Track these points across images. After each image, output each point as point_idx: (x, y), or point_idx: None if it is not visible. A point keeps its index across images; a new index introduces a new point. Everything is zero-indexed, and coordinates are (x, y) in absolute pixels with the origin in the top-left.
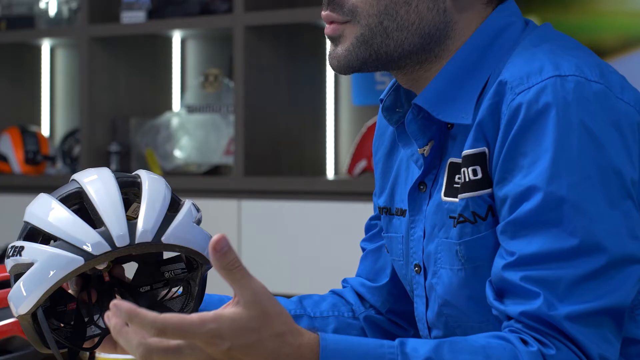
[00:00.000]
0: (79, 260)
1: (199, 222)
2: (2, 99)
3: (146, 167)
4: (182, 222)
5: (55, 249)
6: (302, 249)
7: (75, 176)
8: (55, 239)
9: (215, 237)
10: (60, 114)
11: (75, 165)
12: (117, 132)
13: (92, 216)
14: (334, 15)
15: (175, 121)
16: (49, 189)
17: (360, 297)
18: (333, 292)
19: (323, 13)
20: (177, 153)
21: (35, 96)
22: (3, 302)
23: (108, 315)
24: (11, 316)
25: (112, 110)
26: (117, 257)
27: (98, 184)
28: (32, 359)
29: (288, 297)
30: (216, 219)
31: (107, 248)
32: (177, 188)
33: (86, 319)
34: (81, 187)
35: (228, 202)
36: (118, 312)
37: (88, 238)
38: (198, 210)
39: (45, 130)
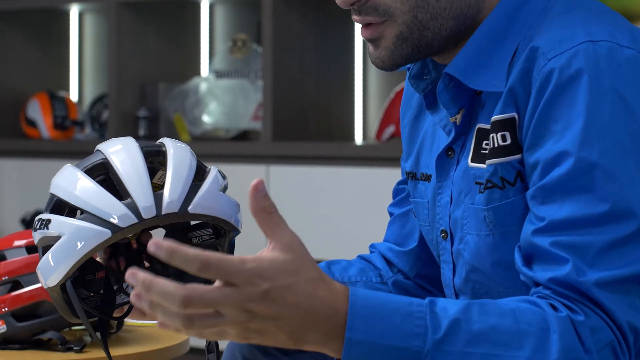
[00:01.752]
0: (106, 233)
1: (225, 189)
2: (30, 65)
3: (174, 132)
4: (208, 191)
5: (82, 222)
6: (330, 214)
7: (99, 146)
8: (82, 211)
9: (254, 182)
10: (88, 79)
11: (103, 130)
12: (146, 97)
13: (118, 187)
14: (370, 18)
15: (203, 86)
16: (78, 154)
17: (388, 262)
18: (361, 257)
19: (356, 17)
20: (206, 118)
21: (63, 61)
22: (33, 267)
23: (132, 274)
24: (39, 281)
25: (140, 76)
26: (144, 228)
27: (123, 154)
28: (60, 324)
29: (316, 262)
30: (244, 184)
31: (134, 220)
32: (205, 153)
33: (115, 287)
34: (106, 158)
35: (256, 168)
36: (159, 250)
37: (114, 210)
38: (224, 177)
39: (73, 96)
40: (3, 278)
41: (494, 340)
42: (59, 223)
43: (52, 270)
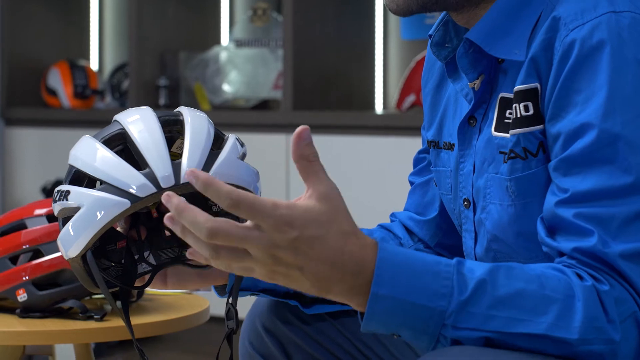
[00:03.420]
0: (125, 203)
1: (243, 156)
2: (51, 34)
3: (195, 101)
4: (226, 159)
5: (100, 193)
6: (350, 183)
7: (117, 117)
8: (101, 182)
9: (299, 128)
10: (109, 48)
11: (124, 99)
12: (166, 66)
13: (136, 157)
14: None
15: (223, 55)
16: (98, 123)
17: (408, 231)
18: (381, 226)
19: None
20: (226, 87)
21: (84, 30)
22: (53, 235)
23: (168, 197)
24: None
25: (160, 45)
26: None
27: (140, 124)
28: (81, 292)
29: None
30: (264, 153)
31: (153, 190)
32: (225, 122)
33: (136, 257)
34: (123, 129)
35: (276, 137)
36: (195, 180)
37: (133, 180)
38: (242, 145)
39: (94, 65)
40: (24, 247)
41: (519, 305)
42: (78, 194)
43: (72, 241)
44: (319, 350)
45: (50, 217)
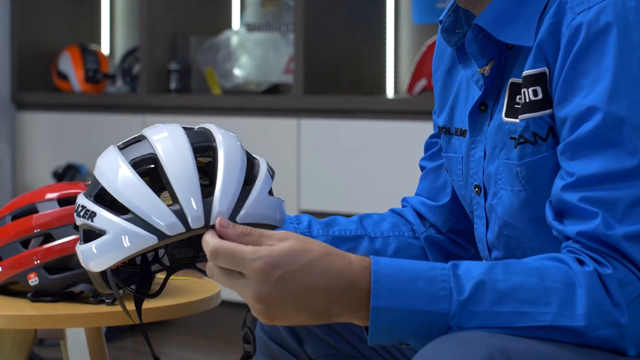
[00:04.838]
0: (152, 239)
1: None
2: (62, 18)
3: (206, 86)
4: (257, 199)
5: (128, 224)
6: (361, 167)
7: (147, 134)
8: (127, 209)
9: (217, 223)
10: (120, 33)
11: (135, 83)
12: (177, 50)
13: (166, 188)
14: None
15: (234, 40)
16: (109, 108)
17: (420, 216)
18: (393, 211)
19: None
20: (237, 71)
21: (95, 14)
22: (64, 220)
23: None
24: (71, 234)
25: (172, 29)
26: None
27: (173, 153)
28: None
29: (347, 216)
30: (276, 138)
31: (182, 229)
32: (236, 107)
33: (151, 255)
34: (155, 154)
35: (287, 121)
36: None
37: (162, 217)
38: (272, 173)
39: (105, 49)
40: (35, 231)
41: (521, 299)
42: (105, 219)
43: (94, 259)
44: (331, 336)
45: (62, 201)
